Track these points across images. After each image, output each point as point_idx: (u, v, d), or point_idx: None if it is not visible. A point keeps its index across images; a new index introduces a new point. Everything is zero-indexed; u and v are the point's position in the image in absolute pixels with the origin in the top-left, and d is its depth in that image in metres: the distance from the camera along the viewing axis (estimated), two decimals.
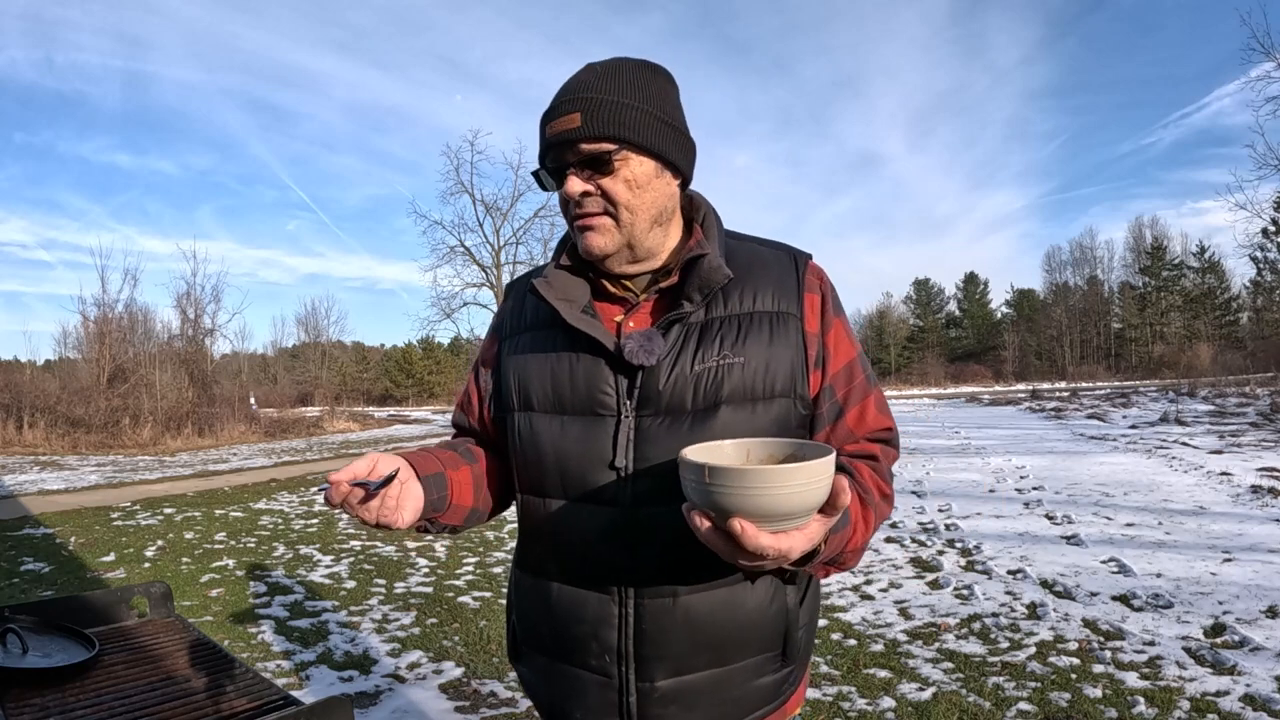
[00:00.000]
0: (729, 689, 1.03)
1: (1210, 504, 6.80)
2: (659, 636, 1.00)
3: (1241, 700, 2.95)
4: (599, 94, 0.98)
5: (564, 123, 0.98)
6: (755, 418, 1.00)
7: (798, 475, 0.77)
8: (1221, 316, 55.63)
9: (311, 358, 55.33)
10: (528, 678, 1.15)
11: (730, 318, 1.03)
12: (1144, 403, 21.07)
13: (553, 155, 1.01)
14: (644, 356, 0.99)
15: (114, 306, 22.75)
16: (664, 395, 1.00)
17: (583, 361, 1.04)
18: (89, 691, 1.50)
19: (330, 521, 7.50)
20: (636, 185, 1.00)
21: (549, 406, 1.06)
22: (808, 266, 1.09)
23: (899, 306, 70.05)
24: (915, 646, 3.69)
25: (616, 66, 1.02)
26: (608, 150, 0.98)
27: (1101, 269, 62.02)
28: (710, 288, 1.01)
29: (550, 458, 1.04)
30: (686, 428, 0.99)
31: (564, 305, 1.04)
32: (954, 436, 14.67)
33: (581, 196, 0.99)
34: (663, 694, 1.02)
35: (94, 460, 15.29)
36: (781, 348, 1.02)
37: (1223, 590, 4.31)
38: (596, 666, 1.04)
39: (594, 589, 1.03)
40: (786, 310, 1.04)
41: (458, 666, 3.61)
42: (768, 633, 1.04)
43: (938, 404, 29.50)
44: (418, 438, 20.52)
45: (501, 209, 28.94)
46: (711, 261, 1.02)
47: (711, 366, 1.00)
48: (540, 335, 1.09)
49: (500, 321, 1.19)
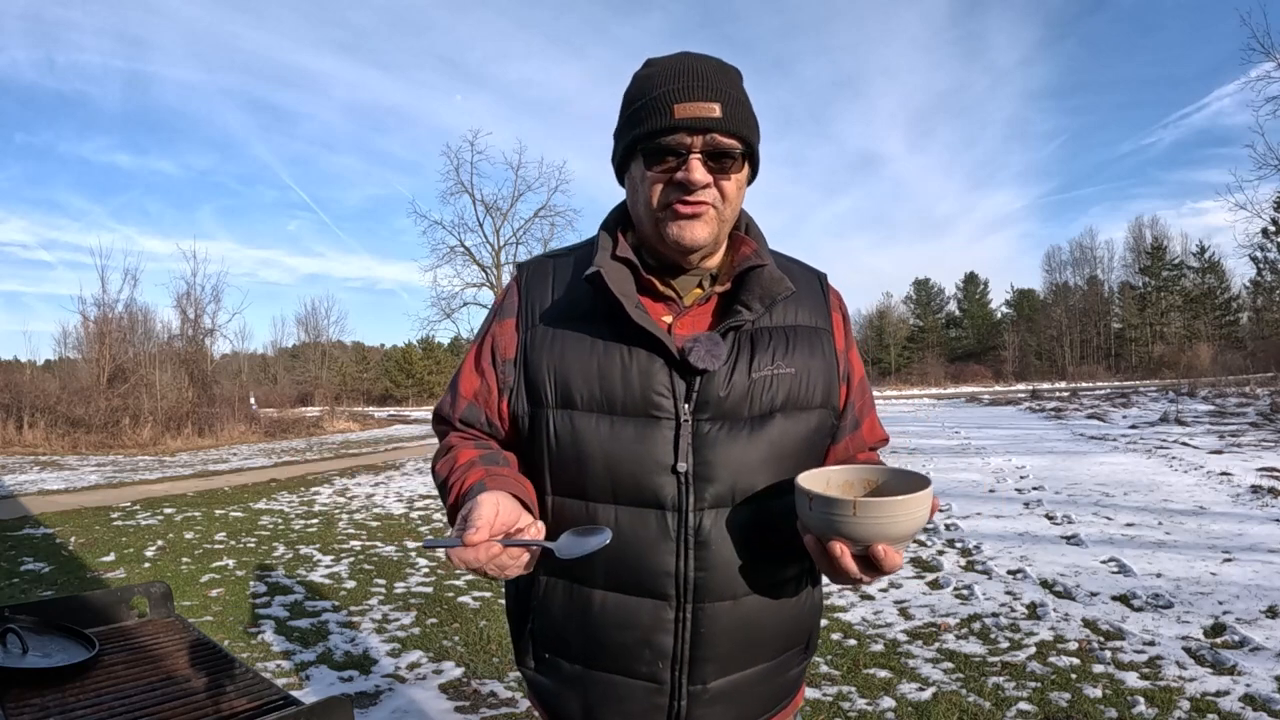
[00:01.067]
0: (770, 682, 1.08)
1: (1210, 504, 6.80)
2: (714, 638, 1.01)
3: (1241, 700, 2.94)
4: (732, 90, 0.99)
5: (702, 108, 0.95)
6: (800, 426, 1.04)
7: (925, 502, 0.88)
8: (1221, 316, 55.62)
9: (311, 358, 55.32)
10: (547, 685, 1.10)
11: (777, 329, 1.06)
12: (1144, 403, 21.07)
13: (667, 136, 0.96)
14: (710, 361, 0.98)
15: (114, 306, 22.76)
16: (724, 401, 1.00)
17: (637, 360, 1.00)
18: (89, 691, 1.50)
19: (330, 521, 7.50)
20: (739, 187, 1.02)
21: (596, 406, 1.01)
22: (829, 288, 1.15)
23: (899, 306, 70.11)
24: (915, 646, 3.69)
25: (725, 65, 1.02)
26: (738, 149, 0.98)
27: (1101, 269, 62.11)
28: (773, 298, 1.03)
29: (598, 460, 1.00)
30: (745, 434, 1.00)
31: (625, 300, 0.99)
32: (954, 436, 14.67)
33: (702, 187, 0.97)
34: (713, 694, 1.03)
35: (94, 460, 15.29)
36: (820, 361, 1.07)
37: (1223, 590, 4.31)
38: (646, 673, 1.02)
39: (646, 595, 1.00)
40: (821, 326, 1.09)
41: (458, 666, 3.61)
42: (801, 627, 1.10)
43: (938, 404, 29.49)
44: (417, 437, 20.51)
45: (501, 209, 29.01)
46: (773, 272, 1.03)
47: (767, 375, 1.02)
48: (581, 327, 1.04)
49: (522, 305, 1.09)
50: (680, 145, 0.96)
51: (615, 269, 1.02)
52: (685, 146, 0.96)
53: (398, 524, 7.26)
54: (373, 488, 9.95)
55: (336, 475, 11.51)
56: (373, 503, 8.69)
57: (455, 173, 28.44)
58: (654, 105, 0.97)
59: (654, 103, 0.97)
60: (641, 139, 0.98)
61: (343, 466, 12.89)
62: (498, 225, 29.12)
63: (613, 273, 1.01)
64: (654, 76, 1.00)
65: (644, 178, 0.99)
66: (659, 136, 0.97)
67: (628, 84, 1.04)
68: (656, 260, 1.06)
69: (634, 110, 1.00)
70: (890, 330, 67.19)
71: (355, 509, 8.27)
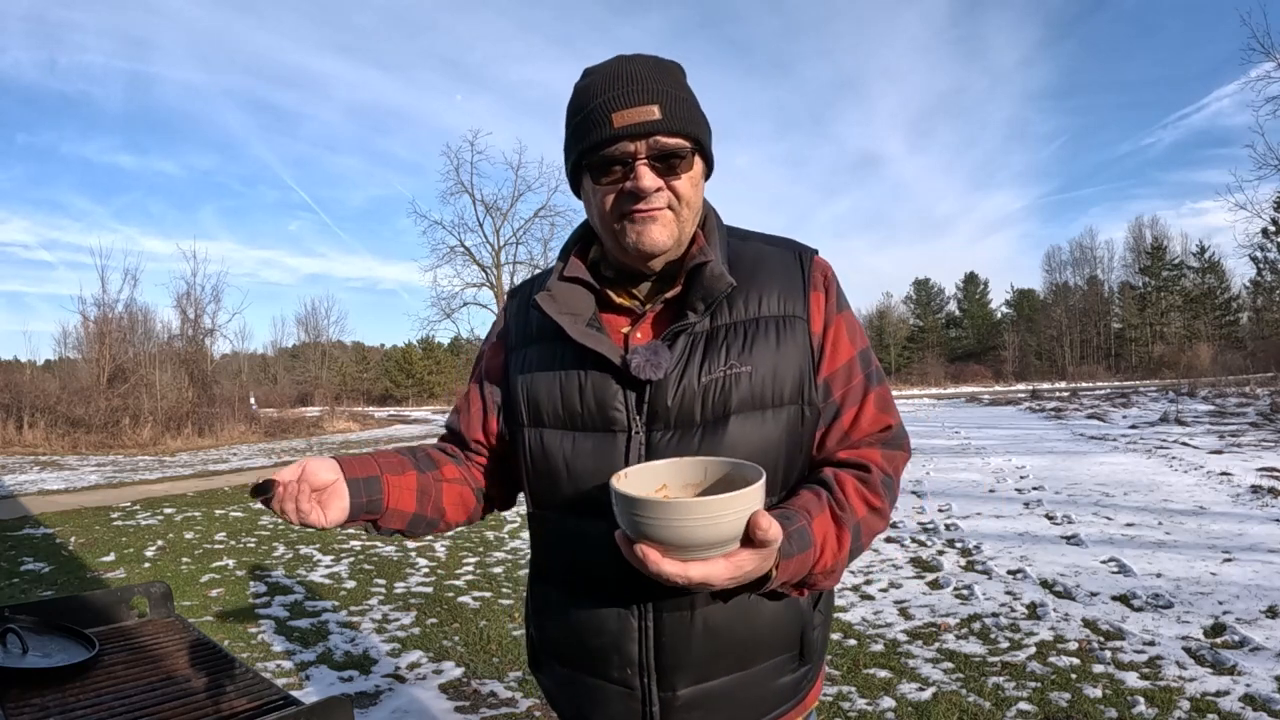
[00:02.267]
0: (750, 691, 1.04)
1: (1210, 504, 6.80)
2: (679, 647, 1.00)
3: (1241, 700, 2.95)
4: (671, 88, 0.97)
5: (640, 113, 0.94)
6: (765, 426, 0.98)
7: (696, 510, 0.76)
8: (1221, 316, 55.61)
9: (311, 358, 55.34)
10: (549, 688, 1.16)
11: (736, 325, 1.01)
12: (1144, 403, 21.06)
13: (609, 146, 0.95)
14: (651, 371, 0.97)
15: (114, 306, 22.79)
16: (673, 409, 0.98)
17: (591, 377, 1.01)
18: (89, 691, 1.50)
19: None
20: (694, 184, 1.00)
21: (560, 422, 1.03)
22: (814, 263, 1.07)
23: (899, 306, 70.03)
24: (915, 646, 3.69)
25: (662, 63, 1.01)
26: (685, 147, 0.97)
27: (1101, 269, 62.04)
28: (713, 297, 0.99)
29: (563, 474, 1.03)
30: (697, 441, 0.97)
31: (568, 320, 1.01)
32: (954, 436, 14.66)
33: (654, 191, 0.96)
34: (685, 701, 1.02)
35: (94, 460, 15.29)
36: (789, 353, 1.00)
37: (1223, 590, 4.31)
38: (618, 678, 1.03)
39: (612, 604, 1.02)
40: (793, 313, 1.02)
41: (458, 666, 3.61)
42: (785, 635, 1.05)
43: (938, 404, 29.49)
44: (418, 437, 20.52)
45: (501, 209, 29.01)
46: (714, 269, 0.99)
47: (719, 377, 0.98)
48: (546, 349, 1.07)
49: (505, 331, 1.16)
50: (625, 154, 0.95)
51: (564, 289, 1.04)
52: (630, 154, 0.95)
53: None
54: None
55: None
56: None
57: (455, 173, 28.51)
58: (593, 117, 0.96)
59: (593, 114, 0.96)
60: (586, 153, 0.97)
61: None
62: (498, 225, 29.18)
63: (561, 294, 1.03)
64: (591, 86, 0.98)
65: (595, 190, 0.99)
66: (602, 148, 0.96)
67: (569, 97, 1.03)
68: (618, 271, 1.06)
69: (576, 124, 0.99)
70: (890, 330, 67.14)
71: None
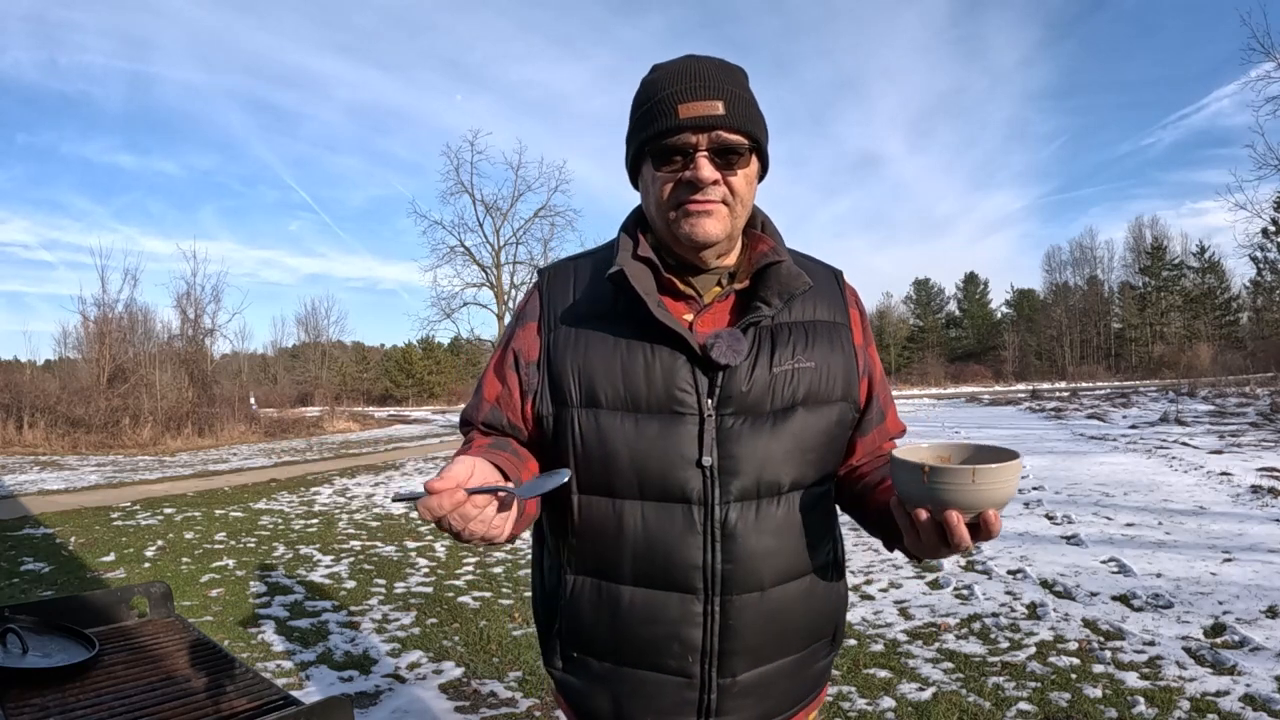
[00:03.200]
0: (794, 676, 1.09)
1: (1210, 504, 6.80)
2: (744, 630, 1.02)
3: (1241, 700, 2.95)
4: (735, 87, 1.01)
5: (705, 106, 0.98)
6: (822, 419, 1.06)
7: (1019, 469, 0.91)
8: (1221, 316, 55.61)
9: (311, 358, 55.30)
10: (576, 685, 1.11)
11: (797, 324, 1.08)
12: (1144, 403, 21.06)
13: (673, 136, 0.99)
14: (731, 356, 1.00)
15: (114, 306, 22.75)
16: (746, 395, 1.02)
17: (659, 358, 1.02)
18: (89, 691, 1.50)
19: (330, 521, 7.50)
20: (749, 182, 1.04)
21: (620, 404, 1.02)
22: (845, 284, 1.17)
23: (899, 306, 70.03)
24: (915, 646, 3.69)
25: (728, 65, 1.05)
26: (744, 144, 1.00)
27: (1101, 269, 62.06)
28: (791, 293, 1.04)
29: (624, 457, 1.01)
30: (769, 427, 1.02)
31: (648, 298, 1.01)
32: (954, 436, 14.66)
33: (711, 184, 0.99)
34: (742, 687, 1.04)
35: (94, 460, 15.28)
36: (839, 355, 1.09)
37: (1223, 590, 4.31)
38: (675, 667, 1.03)
39: (675, 589, 1.01)
40: (839, 321, 1.12)
41: (458, 666, 3.61)
42: (828, 619, 1.11)
43: (938, 404, 29.49)
44: (418, 437, 20.51)
45: (501, 209, 28.91)
46: (790, 268, 1.05)
47: (788, 369, 1.04)
48: (603, 327, 1.05)
49: (544, 309, 1.11)
50: (687, 144, 0.99)
51: (636, 268, 1.04)
52: (691, 145, 0.99)
53: (398, 524, 7.26)
54: (373, 488, 9.95)
55: (336, 475, 11.51)
56: (373, 503, 8.69)
57: (455, 173, 28.39)
58: (659, 107, 1.00)
59: (659, 105, 1.00)
60: (649, 140, 1.01)
61: (343, 466, 12.89)
62: (498, 225, 29.09)
63: (634, 271, 1.03)
64: (659, 80, 1.02)
65: (654, 178, 1.02)
66: (665, 137, 0.99)
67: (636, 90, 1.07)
68: (675, 260, 1.08)
69: (641, 114, 1.03)
70: (890, 330, 67.12)
71: (355, 509, 8.27)
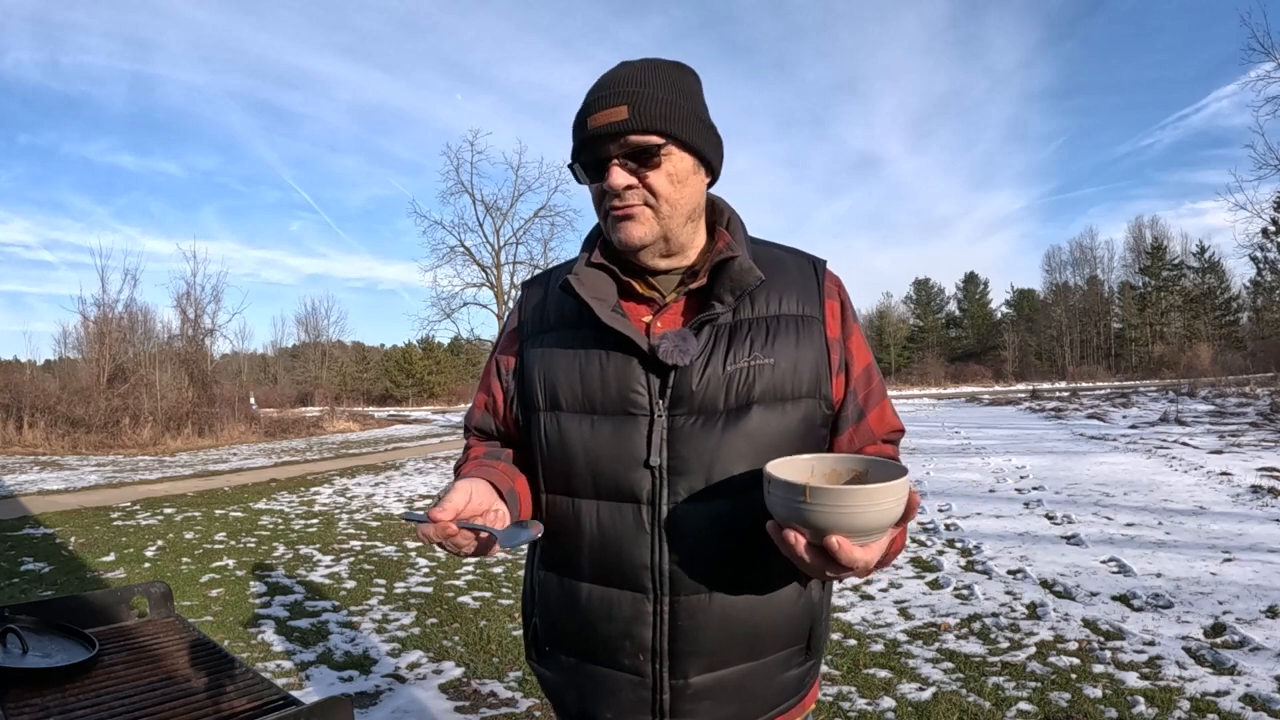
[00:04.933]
0: (759, 683, 1.06)
1: (1210, 504, 6.80)
2: (694, 633, 1.02)
3: (1241, 700, 2.95)
4: (643, 88, 1.00)
5: (609, 115, 0.99)
6: (784, 417, 1.03)
7: (890, 493, 0.82)
8: (1221, 316, 55.60)
9: (311, 358, 55.32)
10: (551, 679, 1.15)
11: (758, 320, 1.05)
12: (1144, 403, 21.06)
13: (592, 148, 1.01)
14: (678, 356, 1.00)
15: (114, 306, 22.75)
16: (697, 395, 1.01)
17: (614, 361, 1.04)
18: (89, 691, 1.50)
19: (330, 521, 7.50)
20: (677, 180, 1.02)
21: (578, 406, 1.05)
22: (826, 273, 1.13)
23: (899, 306, 70.03)
24: (915, 646, 3.69)
25: (653, 64, 1.04)
26: (655, 144, 1.00)
27: (1101, 269, 62.03)
28: (742, 289, 1.03)
29: (580, 458, 1.04)
30: (720, 427, 1.01)
31: (597, 304, 1.04)
32: (954, 436, 14.67)
33: (624, 189, 1.00)
34: (696, 690, 1.03)
35: (94, 460, 15.28)
36: (807, 350, 1.05)
37: (1223, 590, 4.31)
38: (629, 665, 1.04)
39: (627, 588, 1.03)
40: (810, 314, 1.08)
41: (458, 666, 3.61)
42: (795, 626, 1.08)
43: (938, 404, 29.49)
44: (417, 438, 20.51)
45: (501, 209, 28.80)
46: (743, 263, 1.04)
47: (743, 367, 1.02)
48: (566, 334, 1.09)
49: (520, 320, 1.17)
50: (603, 154, 1.01)
51: (593, 275, 1.07)
52: (606, 154, 1.00)
53: (398, 524, 7.26)
54: (373, 488, 9.95)
55: (336, 475, 11.51)
56: (373, 503, 8.69)
57: (455, 173, 28.28)
58: (577, 124, 1.03)
59: (577, 122, 1.03)
60: (575, 157, 1.05)
61: (343, 466, 12.89)
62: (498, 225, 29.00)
63: (590, 279, 1.06)
64: (585, 97, 1.04)
65: (590, 191, 1.06)
66: (583, 152, 1.02)
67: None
68: (634, 263, 1.09)
69: (572, 132, 1.06)
70: (890, 330, 67.13)
71: (355, 509, 8.27)
